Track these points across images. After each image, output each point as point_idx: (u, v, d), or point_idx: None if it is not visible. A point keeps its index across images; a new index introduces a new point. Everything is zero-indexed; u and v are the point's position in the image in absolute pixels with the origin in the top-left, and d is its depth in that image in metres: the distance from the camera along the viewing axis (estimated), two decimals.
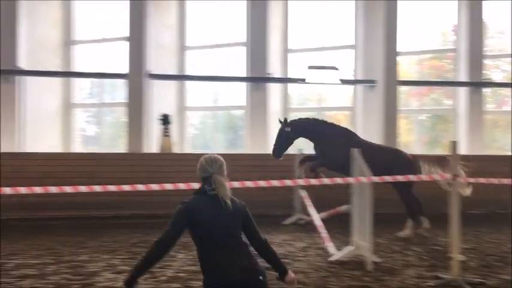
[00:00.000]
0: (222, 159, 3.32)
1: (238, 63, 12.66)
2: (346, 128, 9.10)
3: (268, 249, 3.28)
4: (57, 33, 12.50)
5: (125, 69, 11.80)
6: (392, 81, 11.88)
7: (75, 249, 7.55)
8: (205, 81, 12.87)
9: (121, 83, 12.35)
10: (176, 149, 11.76)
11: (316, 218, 8.03)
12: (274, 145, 8.66)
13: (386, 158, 8.36)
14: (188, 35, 12.83)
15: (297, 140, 8.91)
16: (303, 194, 9.14)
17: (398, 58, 12.16)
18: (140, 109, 11.46)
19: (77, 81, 12.94)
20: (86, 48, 13.01)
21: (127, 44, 11.77)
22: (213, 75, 12.59)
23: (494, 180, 5.98)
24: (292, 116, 12.92)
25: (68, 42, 12.65)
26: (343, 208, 8.39)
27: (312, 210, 8.42)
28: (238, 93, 12.89)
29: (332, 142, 8.41)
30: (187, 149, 12.61)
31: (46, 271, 6.25)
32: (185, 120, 12.83)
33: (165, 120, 11.15)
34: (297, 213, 9.87)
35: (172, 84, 12.67)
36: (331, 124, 8.89)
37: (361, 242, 6.39)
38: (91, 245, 7.87)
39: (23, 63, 11.65)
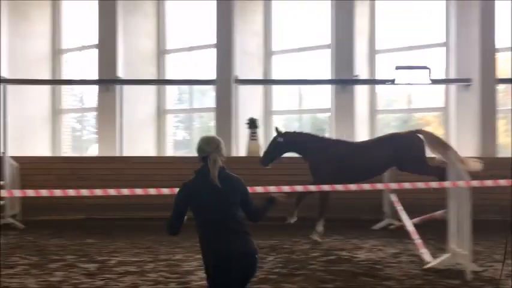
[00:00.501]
0: (219, 139, 3.46)
1: (323, 65, 12.60)
2: (338, 140, 9.07)
3: (258, 210, 3.47)
4: (152, 44, 13.20)
5: (213, 75, 12.19)
6: (490, 80, 11.19)
7: (171, 248, 7.91)
8: (290, 84, 12.95)
9: (209, 88, 12.78)
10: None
11: (408, 223, 7.77)
12: (264, 152, 8.60)
13: (390, 146, 8.21)
14: (274, 40, 12.99)
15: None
16: (394, 198, 8.88)
17: (496, 55, 11.43)
18: (228, 114, 11.78)
19: (169, 89, 13.57)
20: (176, 57, 13.62)
21: (215, 51, 12.16)
22: (299, 78, 12.64)
23: None
24: (379, 119, 12.75)
25: (161, 51, 13.31)
26: (438, 214, 8.00)
27: (403, 215, 8.16)
28: (323, 96, 12.82)
29: (320, 159, 8.25)
30: None
31: (145, 268, 6.62)
32: (271, 124, 12.98)
33: (252, 124, 11.35)
34: (387, 218, 9.60)
35: (258, 88, 12.90)
36: (322, 139, 8.78)
37: (459, 250, 6.07)
38: (185, 245, 8.19)
39: (121, 73, 12.43)
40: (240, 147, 11.98)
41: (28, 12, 13.33)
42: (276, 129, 8.49)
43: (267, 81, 12.88)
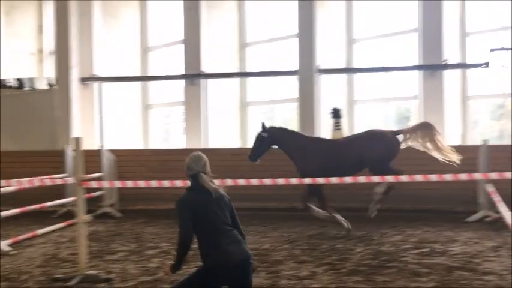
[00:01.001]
0: (205, 157, 3.81)
1: (409, 51, 12.11)
2: (317, 138, 9.20)
3: (243, 238, 3.77)
4: (234, 37, 13.42)
5: (295, 66, 12.15)
6: None
7: (259, 238, 8.05)
8: (374, 72, 12.59)
9: (292, 79, 12.76)
10: None
11: (508, 215, 7.29)
12: (251, 149, 8.66)
13: (365, 143, 8.20)
14: (356, 27, 12.68)
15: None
16: (490, 188, 8.38)
17: None
18: (311, 104, 11.71)
19: (251, 81, 13.73)
20: (258, 49, 13.73)
21: (296, 41, 12.11)
22: (383, 65, 12.25)
23: None
24: (471, 104, 12.04)
25: (243, 44, 13.50)
26: None
27: (502, 206, 7.67)
28: (409, 83, 12.33)
29: (302, 154, 8.39)
30: None
31: None
32: (355, 113, 12.73)
33: (336, 114, 11.18)
34: (482, 210, 9.09)
35: (341, 77, 12.69)
36: (301, 136, 8.86)
37: None
38: (272, 235, 8.31)
39: (205, 67, 12.77)
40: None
41: (118, 12, 14.07)
42: (262, 124, 8.64)
43: (349, 70, 12.63)
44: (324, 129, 11.83)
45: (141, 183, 6.26)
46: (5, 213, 7.63)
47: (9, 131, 12.85)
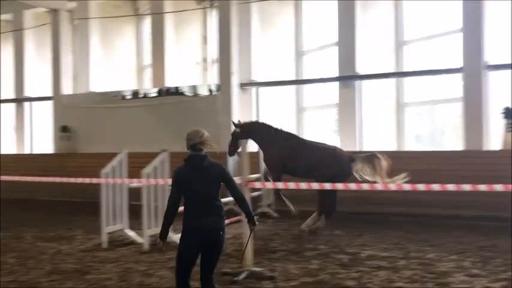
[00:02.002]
0: (204, 131, 4.19)
1: None
2: (288, 132, 9.21)
3: (244, 202, 4.39)
4: (390, 36, 12.97)
5: (458, 63, 11.30)
6: None
7: (421, 246, 7.64)
8: None
9: (455, 77, 11.89)
10: None
11: None
12: (228, 145, 9.18)
13: (320, 157, 8.45)
14: None
15: None
16: None
17: None
18: (479, 103, 10.77)
19: (408, 80, 13.12)
20: (416, 47, 13.06)
21: (460, 36, 11.25)
22: None
23: None
24: None
25: (399, 43, 12.97)
26: None
27: None
28: None
29: (269, 146, 8.85)
30: None
31: (397, 265, 6.52)
32: None
33: (509, 114, 10.14)
34: None
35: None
36: (273, 129, 9.07)
37: None
38: (436, 243, 7.81)
39: (359, 68, 12.55)
40: (492, 140, 10.84)
41: (274, 19, 14.57)
42: (233, 122, 9.34)
43: None
44: (494, 131, 10.80)
45: (291, 185, 6.40)
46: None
47: (178, 134, 14.10)
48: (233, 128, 9.43)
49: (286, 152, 8.63)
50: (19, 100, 18.15)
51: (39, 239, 8.67)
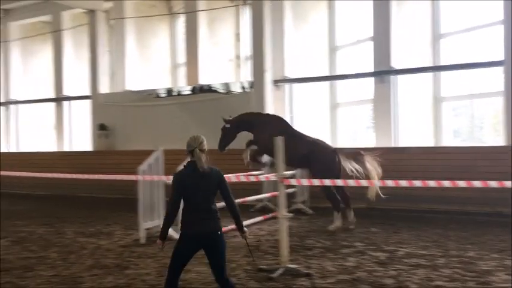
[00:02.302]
0: (202, 137, 4.36)
1: None
2: (278, 117, 9.82)
3: (234, 209, 4.39)
4: (426, 29, 12.69)
5: (499, 56, 10.96)
6: None
7: (460, 244, 7.47)
8: None
9: (494, 71, 11.54)
10: None
11: None
12: (219, 140, 9.56)
13: (306, 148, 8.90)
14: None
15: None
16: None
17: None
18: None
19: (446, 74, 12.81)
20: (454, 40, 12.73)
21: (500, 28, 10.90)
22: None
23: None
24: None
25: (436, 36, 12.68)
26: None
27: None
28: None
29: (261, 130, 9.16)
30: None
31: (437, 263, 6.40)
32: None
33: None
34: None
35: None
36: (263, 115, 9.97)
37: None
38: (476, 241, 7.63)
39: (395, 63, 12.34)
40: None
41: (307, 14, 14.47)
42: (223, 118, 9.72)
43: None
44: None
45: (327, 182, 6.35)
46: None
47: (212, 131, 14.21)
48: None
49: (277, 131, 8.74)
50: (58, 99, 18.69)
51: (80, 234, 8.92)
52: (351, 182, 6.36)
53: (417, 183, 6.20)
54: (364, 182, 6.43)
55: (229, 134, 9.66)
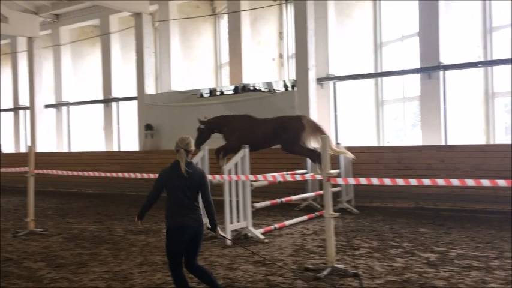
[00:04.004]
0: (189, 138, 4.72)
1: None
2: (243, 115, 10.42)
3: (210, 209, 4.69)
4: (477, 22, 12.27)
5: None
6: None
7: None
8: None
9: None
10: None
11: None
12: (195, 139, 9.55)
13: (272, 126, 9.85)
14: None
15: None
16: None
17: None
18: None
19: (497, 69, 12.34)
20: (506, 33, 12.23)
21: None
22: None
23: None
24: None
25: (487, 30, 12.23)
26: None
27: None
28: None
29: (228, 130, 10.13)
30: None
31: (490, 265, 6.16)
32: None
33: None
34: None
35: None
36: (229, 116, 10.52)
37: None
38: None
39: (443, 58, 11.99)
40: None
41: (351, 11, 14.28)
42: (199, 119, 10.30)
43: None
44: None
45: (374, 181, 6.20)
46: (258, 204, 8.47)
47: None
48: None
49: (243, 128, 9.97)
50: (107, 101, 19.26)
51: (129, 231, 9.14)
52: (400, 181, 6.18)
53: (469, 182, 5.99)
54: (413, 181, 6.23)
55: (202, 136, 10.30)
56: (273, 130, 9.79)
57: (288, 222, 9.19)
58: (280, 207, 10.82)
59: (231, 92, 15.50)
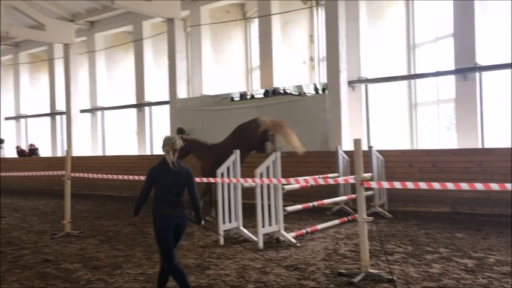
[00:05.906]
0: (176, 137, 5.09)
1: None
2: (210, 144, 11.25)
3: (196, 204, 5.14)
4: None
5: None
6: None
7: None
8: None
9: None
10: None
11: None
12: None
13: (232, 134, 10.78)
14: None
15: None
16: None
17: None
18: None
19: None
20: None
21: None
22: None
23: None
24: None
25: None
26: None
27: None
28: None
29: (203, 155, 11.13)
30: None
31: None
32: None
33: None
34: None
35: None
36: (201, 144, 11.35)
37: None
38: None
39: (480, 59, 11.70)
40: None
41: (383, 12, 14.10)
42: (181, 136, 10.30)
43: None
44: None
45: (409, 185, 6.06)
46: (290, 208, 8.43)
47: None
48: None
49: (215, 152, 10.51)
50: (140, 105, 19.59)
51: None
52: (437, 185, 6.03)
53: (509, 186, 5.79)
54: (450, 185, 6.07)
55: (181, 153, 10.60)
56: (233, 138, 10.46)
57: (320, 226, 9.11)
58: (311, 211, 10.75)
59: (262, 95, 15.52)
